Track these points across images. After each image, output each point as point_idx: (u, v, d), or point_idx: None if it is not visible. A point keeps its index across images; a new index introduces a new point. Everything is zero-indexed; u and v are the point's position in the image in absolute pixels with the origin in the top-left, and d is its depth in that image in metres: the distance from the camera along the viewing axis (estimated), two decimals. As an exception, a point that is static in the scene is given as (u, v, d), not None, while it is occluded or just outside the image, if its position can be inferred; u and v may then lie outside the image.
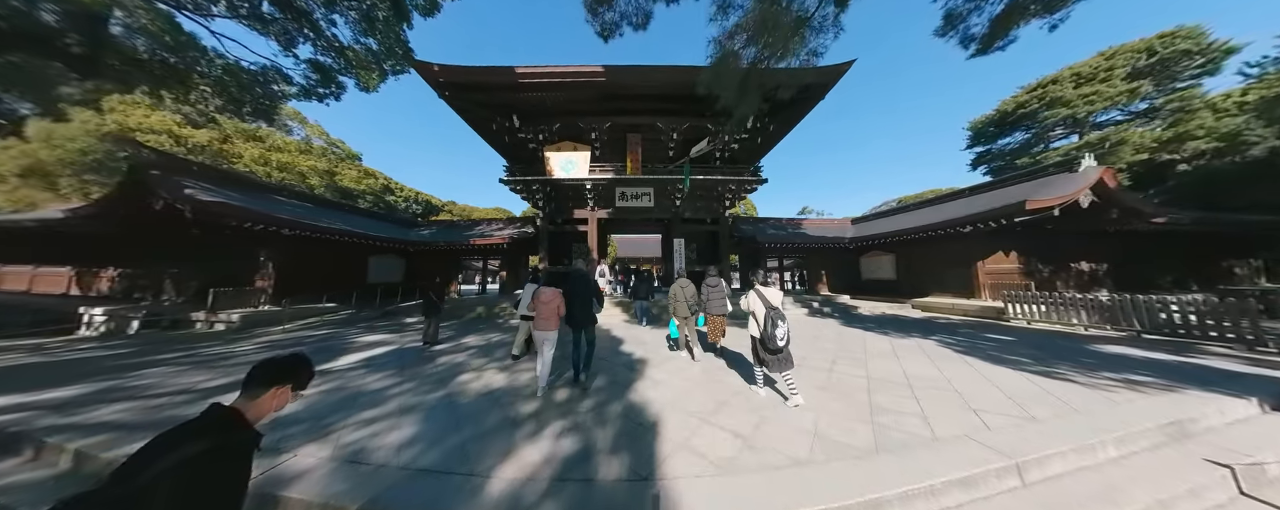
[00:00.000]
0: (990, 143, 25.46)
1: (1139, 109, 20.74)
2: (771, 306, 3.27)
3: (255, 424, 1.00)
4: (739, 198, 12.65)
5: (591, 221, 12.24)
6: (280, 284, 9.88)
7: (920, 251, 12.02)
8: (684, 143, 12.57)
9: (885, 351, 5.57)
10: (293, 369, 1.10)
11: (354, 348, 6.16)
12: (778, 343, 3.14)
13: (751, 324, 3.46)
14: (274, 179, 22.60)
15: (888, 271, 13.30)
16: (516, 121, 11.60)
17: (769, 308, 3.26)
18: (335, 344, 6.43)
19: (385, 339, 6.85)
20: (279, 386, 1.05)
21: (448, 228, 15.76)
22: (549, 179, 11.61)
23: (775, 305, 3.29)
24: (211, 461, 0.85)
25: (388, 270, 13.25)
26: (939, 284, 11.43)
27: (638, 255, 34.07)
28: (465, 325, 8.47)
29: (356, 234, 11.19)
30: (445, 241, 13.10)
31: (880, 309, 10.83)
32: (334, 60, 12.70)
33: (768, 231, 14.25)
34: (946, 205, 13.08)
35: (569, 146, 11.65)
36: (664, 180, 11.83)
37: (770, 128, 11.99)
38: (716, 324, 5.12)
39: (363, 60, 12.09)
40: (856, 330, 7.47)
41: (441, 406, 3.38)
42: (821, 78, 9.96)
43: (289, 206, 11.08)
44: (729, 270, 12.41)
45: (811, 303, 10.80)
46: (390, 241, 12.55)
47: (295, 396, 1.12)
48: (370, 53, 11.95)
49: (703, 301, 5.15)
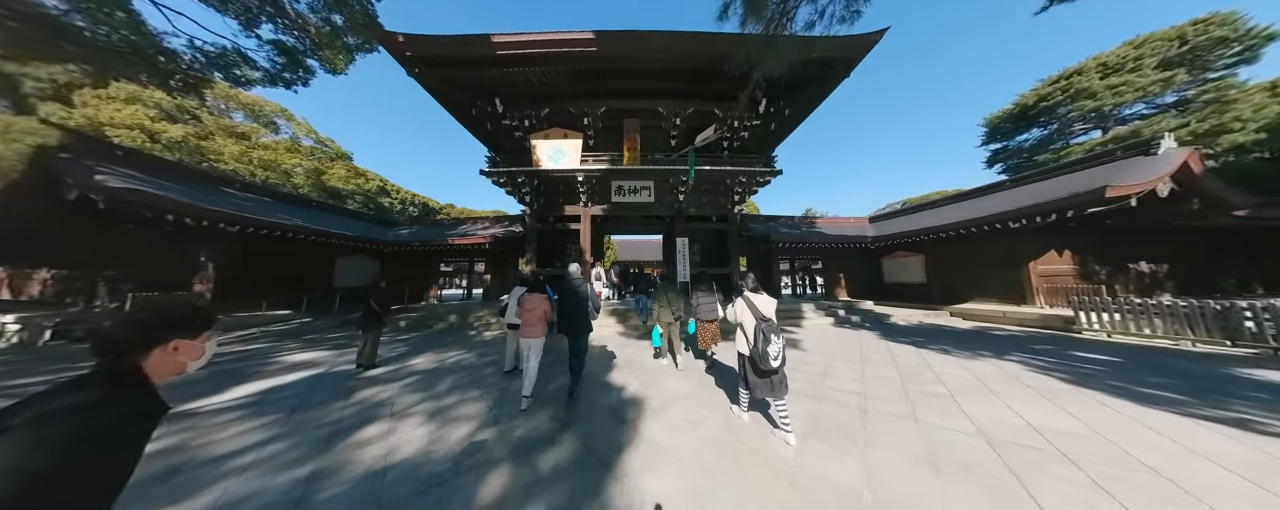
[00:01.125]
0: (1007, 139, 24.03)
1: (1167, 102, 19.32)
2: (763, 318, 2.70)
3: None
4: (750, 191, 11.23)
5: (584, 219, 10.81)
6: (222, 288, 8.45)
7: (954, 252, 10.52)
8: (687, 131, 11.17)
9: (968, 383, 4.06)
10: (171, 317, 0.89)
11: (267, 371, 4.70)
12: (770, 362, 2.56)
13: (739, 338, 2.88)
14: (258, 177, 21.35)
15: (915, 274, 11.78)
16: (499, 105, 10.22)
17: (760, 319, 2.69)
18: (247, 366, 4.97)
19: (317, 359, 5.39)
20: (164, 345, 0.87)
21: (430, 226, 14.35)
22: (535, 170, 10.20)
23: (767, 316, 2.73)
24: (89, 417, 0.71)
25: (358, 273, 11.81)
26: (979, 288, 9.91)
27: (639, 259, 32.62)
28: (428, 339, 6.99)
29: (318, 232, 9.77)
30: (421, 242, 11.66)
31: (915, 317, 9.30)
32: (297, 40, 11.45)
33: (780, 230, 12.76)
34: (981, 200, 11.60)
35: (558, 134, 10.25)
36: (666, 171, 10.40)
37: (785, 112, 10.58)
38: (706, 330, 4.65)
39: (327, 37, 10.81)
40: (906, 347, 5.96)
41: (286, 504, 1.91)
42: (848, 49, 8.55)
43: (238, 200, 9.67)
44: (739, 273, 10.92)
45: (836, 310, 9.30)
46: (360, 241, 11.12)
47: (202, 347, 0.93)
48: (334, 28, 10.67)
49: (692, 307, 4.77)
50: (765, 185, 11.04)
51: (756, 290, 2.94)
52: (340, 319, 9.06)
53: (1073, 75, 20.14)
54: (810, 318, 8.45)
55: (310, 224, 10.09)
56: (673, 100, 10.52)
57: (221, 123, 21.75)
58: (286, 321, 8.65)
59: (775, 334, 2.59)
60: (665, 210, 11.20)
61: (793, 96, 10.00)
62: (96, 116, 17.94)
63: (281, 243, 9.33)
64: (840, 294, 12.61)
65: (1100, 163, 9.55)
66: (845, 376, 4.33)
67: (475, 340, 6.67)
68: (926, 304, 10.73)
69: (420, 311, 9.68)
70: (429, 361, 5.14)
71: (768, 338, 2.56)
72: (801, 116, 10.99)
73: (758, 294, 2.89)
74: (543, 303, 3.59)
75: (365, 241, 11.37)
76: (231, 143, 20.78)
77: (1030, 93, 21.69)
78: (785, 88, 9.81)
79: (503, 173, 10.31)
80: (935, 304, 10.58)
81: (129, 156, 8.57)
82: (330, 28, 10.41)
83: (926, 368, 4.65)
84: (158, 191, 7.34)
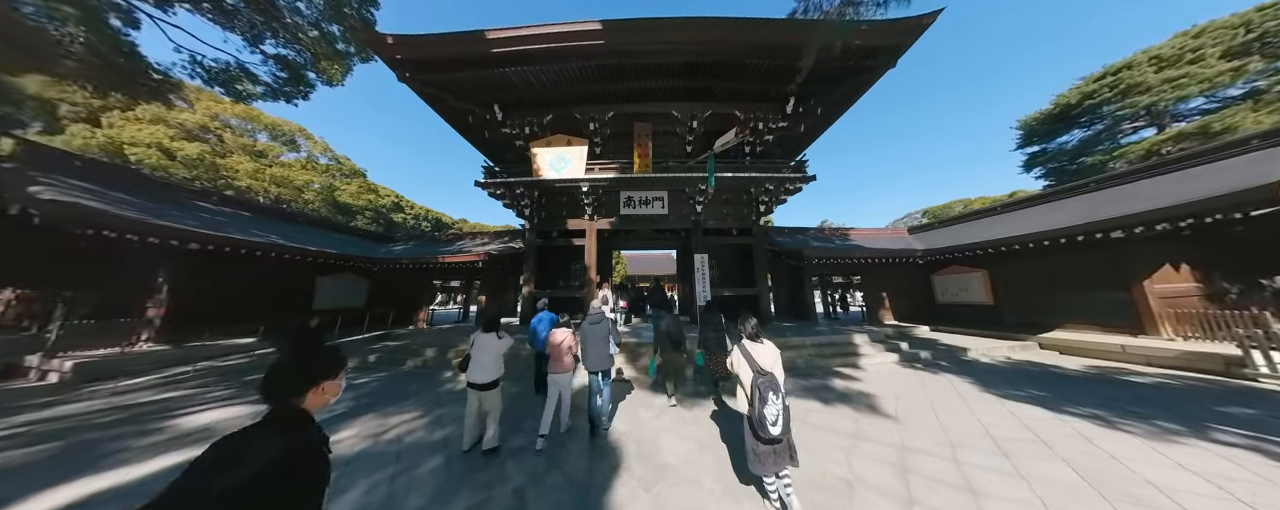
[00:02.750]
0: (1045, 141, 21.89)
1: (1232, 94, 17.06)
2: (761, 371, 2.26)
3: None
4: (778, 201, 9.67)
5: (590, 234, 9.42)
6: (178, 314, 7.29)
7: (1029, 267, 8.59)
8: (705, 135, 9.83)
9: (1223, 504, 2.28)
10: (318, 362, 1.01)
11: (135, 449, 3.27)
12: (769, 428, 2.14)
13: (739, 394, 2.42)
14: (272, 193, 21.14)
15: (976, 293, 9.81)
16: (498, 113, 9.14)
17: (757, 373, 2.25)
18: (122, 435, 3.57)
19: (224, 421, 3.98)
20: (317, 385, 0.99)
21: (427, 242, 13.23)
22: (536, 181, 8.95)
23: (766, 369, 2.28)
24: (291, 468, 0.80)
25: (343, 293, 10.61)
26: (1069, 312, 7.92)
27: (649, 273, 30.97)
28: (387, 386, 5.52)
29: (294, 249, 8.64)
30: (411, 259, 10.43)
31: (997, 351, 7.35)
32: (298, 53, 10.84)
33: (811, 244, 11.05)
34: (1055, 206, 9.68)
35: (561, 141, 9.04)
36: (682, 179, 8.98)
37: (818, 111, 9.12)
38: (717, 360, 4.03)
39: (321, 45, 10.11)
40: (1032, 409, 4.14)
41: None
42: (896, 34, 7.12)
43: (211, 215, 8.67)
44: (767, 295, 9.21)
45: (896, 343, 7.46)
46: (346, 259, 9.97)
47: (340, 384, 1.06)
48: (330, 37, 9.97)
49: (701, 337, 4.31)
50: (796, 192, 9.47)
51: (756, 337, 2.52)
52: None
53: (1121, 70, 18.18)
54: (868, 353, 6.66)
55: (289, 241, 9.01)
56: (689, 102, 9.24)
57: (241, 141, 21.87)
58: (248, 352, 7.38)
59: (775, 392, 2.22)
60: (681, 223, 9.72)
61: (828, 93, 8.56)
62: (118, 136, 18.11)
63: (253, 262, 8.22)
64: (885, 316, 10.67)
65: (1218, 157, 7.64)
66: (999, 490, 2.60)
67: (444, 392, 5.14)
68: (998, 331, 8.73)
69: (401, 340, 8.32)
70: (362, 434, 3.64)
71: (764, 397, 2.20)
72: (835, 115, 9.51)
73: (757, 342, 2.48)
74: (569, 337, 3.48)
75: (352, 259, 10.22)
76: (247, 161, 20.71)
77: (1072, 91, 19.73)
78: (820, 83, 8.40)
79: (500, 184, 9.10)
80: (1010, 331, 8.57)
81: (89, 167, 7.69)
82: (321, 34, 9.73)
83: (1113, 462, 2.87)
84: (105, 206, 6.29)
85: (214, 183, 20.25)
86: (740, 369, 2.38)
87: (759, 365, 2.30)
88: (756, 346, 2.43)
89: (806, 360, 6.12)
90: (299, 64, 11.01)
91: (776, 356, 2.40)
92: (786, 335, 7.31)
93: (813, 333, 7.63)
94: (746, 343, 2.47)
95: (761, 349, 2.41)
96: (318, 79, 11.09)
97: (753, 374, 2.29)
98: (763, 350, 2.40)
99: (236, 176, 20.20)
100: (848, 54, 7.48)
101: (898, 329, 9.41)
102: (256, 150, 22.07)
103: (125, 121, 19.07)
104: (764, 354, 2.38)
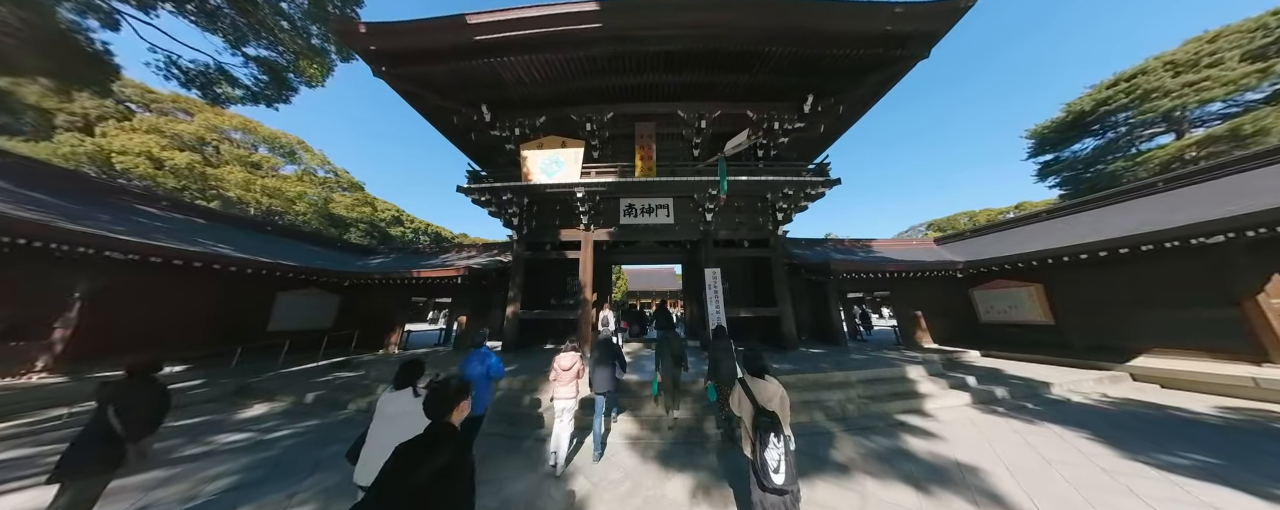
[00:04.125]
0: (1058, 150, 20.99)
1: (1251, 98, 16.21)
2: (762, 410, 2.07)
3: None
4: (797, 207, 8.48)
5: (586, 246, 8.20)
6: (90, 337, 5.99)
7: (1097, 279, 7.27)
8: (713, 138, 8.80)
9: None
10: (451, 393, 1.53)
11: None
12: (772, 476, 1.93)
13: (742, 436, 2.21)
14: (262, 205, 20.27)
15: (1029, 311, 8.43)
16: (486, 113, 8.15)
17: (758, 412, 2.07)
18: None
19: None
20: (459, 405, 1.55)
21: (410, 255, 12.01)
22: (525, 186, 7.83)
23: (768, 408, 2.08)
24: (459, 464, 1.33)
25: (307, 312, 9.29)
26: (1157, 333, 6.53)
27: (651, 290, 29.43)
28: (311, 442, 4.14)
29: (244, 261, 7.42)
30: (383, 274, 9.16)
31: (1084, 384, 5.90)
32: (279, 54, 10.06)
33: (833, 256, 9.77)
34: (1115, 210, 8.45)
35: (554, 142, 8.00)
36: (690, 184, 7.84)
37: (839, 109, 8.10)
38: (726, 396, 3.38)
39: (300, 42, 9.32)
40: (1243, 499, 2.74)
41: None
42: (929, 20, 6.14)
43: (160, 221, 7.50)
44: (791, 316, 7.84)
45: (956, 374, 6.04)
46: (311, 273, 8.71)
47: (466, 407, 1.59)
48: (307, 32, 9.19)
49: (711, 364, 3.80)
50: (818, 198, 8.30)
51: (760, 372, 2.29)
52: (240, 383, 6.34)
53: (1136, 76, 17.44)
54: (931, 392, 5.24)
55: (248, 252, 7.79)
56: (696, 101, 8.26)
57: (237, 152, 21.23)
58: (173, 381, 5.98)
59: (777, 435, 1.97)
60: (688, 234, 8.51)
61: (851, 88, 7.53)
62: (108, 145, 17.46)
63: (196, 275, 6.98)
64: (922, 338, 9.23)
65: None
66: None
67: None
68: (1063, 356, 7.31)
69: (359, 369, 6.95)
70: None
71: (764, 439, 1.97)
72: (858, 114, 8.48)
73: (761, 378, 2.24)
74: (577, 361, 3.52)
75: (319, 273, 8.95)
76: (239, 171, 19.95)
77: (1085, 97, 18.97)
78: (842, 76, 7.39)
79: (485, 189, 7.97)
80: (1078, 356, 7.15)
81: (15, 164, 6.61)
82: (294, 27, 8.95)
83: None
84: (4, 207, 5.11)
85: (203, 193, 19.47)
86: (742, 408, 2.22)
87: (760, 403, 2.12)
88: (758, 383, 2.24)
89: (858, 406, 4.72)
90: (281, 66, 10.25)
91: (781, 395, 2.18)
92: (821, 367, 5.91)
93: (854, 363, 6.23)
94: (748, 377, 2.30)
95: (763, 386, 2.22)
96: (298, 81, 10.31)
97: (753, 412, 2.12)
98: (764, 388, 2.21)
99: (226, 187, 19.42)
100: (875, 41, 6.52)
101: (944, 355, 7.98)
102: (251, 161, 21.39)
103: (120, 131, 18.54)
104: (766, 392, 2.17)
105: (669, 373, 4.02)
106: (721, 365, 3.73)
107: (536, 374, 5.46)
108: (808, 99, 7.91)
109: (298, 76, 9.88)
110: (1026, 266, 7.95)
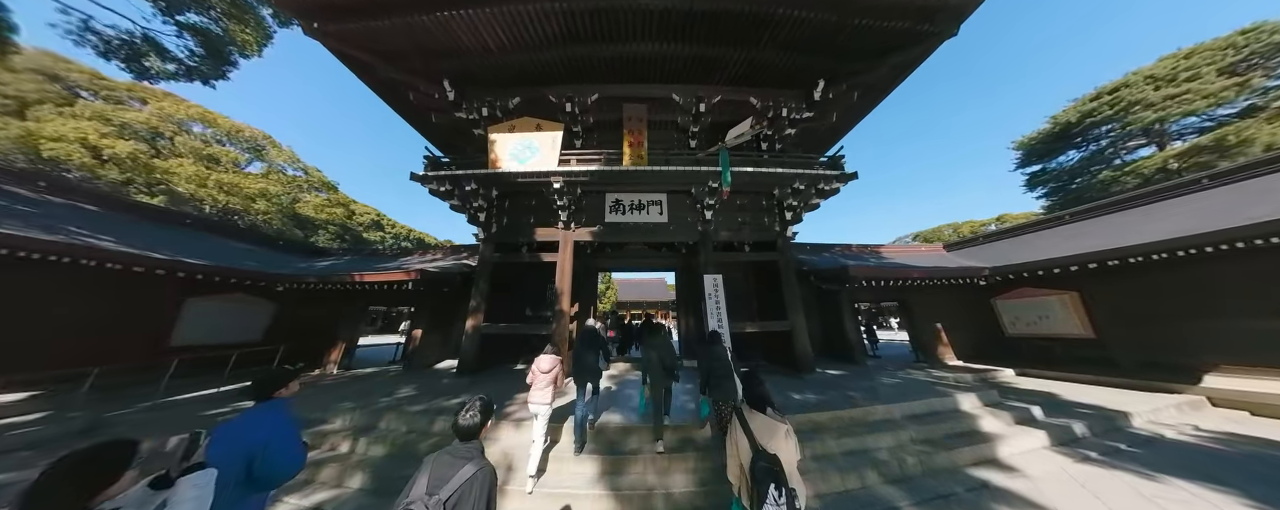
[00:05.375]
0: (1044, 161, 21.02)
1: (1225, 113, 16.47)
2: (762, 454, 1.65)
3: None
4: (808, 206, 7.39)
5: (565, 246, 6.86)
6: None
7: (1146, 286, 6.35)
8: (712, 129, 7.71)
9: None
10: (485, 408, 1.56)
11: None
12: None
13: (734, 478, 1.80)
14: (219, 202, 18.24)
15: (1064, 323, 7.46)
16: (449, 90, 6.85)
17: (757, 454, 1.67)
18: None
19: None
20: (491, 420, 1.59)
21: (366, 257, 10.33)
22: (491, 173, 6.51)
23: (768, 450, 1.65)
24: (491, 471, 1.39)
25: (226, 323, 7.54)
26: (1228, 347, 5.57)
27: (643, 301, 27.97)
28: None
29: (133, 258, 5.76)
30: (317, 278, 7.50)
31: (1163, 412, 4.81)
32: (210, 18, 8.60)
33: (844, 262, 8.68)
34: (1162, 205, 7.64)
35: (529, 125, 6.74)
36: (687, 175, 6.65)
37: (854, 95, 7.14)
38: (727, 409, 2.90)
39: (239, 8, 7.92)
40: None
41: None
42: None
43: (6, 203, 5.77)
44: (805, 331, 6.61)
45: (1017, 405, 4.87)
46: (233, 274, 7.04)
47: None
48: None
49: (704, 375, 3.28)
50: (832, 195, 7.23)
51: (760, 403, 1.88)
52: (112, 411, 4.64)
53: (1118, 89, 17.59)
54: (997, 431, 4.04)
55: (139, 247, 6.12)
56: (693, 84, 7.19)
57: (193, 145, 19.19)
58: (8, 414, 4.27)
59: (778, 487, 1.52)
60: (684, 234, 7.29)
61: (868, 72, 6.59)
62: (39, 131, 15.34)
63: (60, 273, 5.29)
64: (944, 354, 8.15)
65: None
66: None
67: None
68: (1109, 373, 6.31)
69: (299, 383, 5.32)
70: None
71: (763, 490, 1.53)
72: (874, 101, 7.56)
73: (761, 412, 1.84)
74: (556, 364, 3.33)
75: (246, 276, 7.27)
76: (191, 165, 17.91)
77: (1070, 109, 19.06)
78: (858, 57, 6.43)
79: (443, 177, 6.58)
80: (1129, 374, 6.15)
81: None
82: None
83: None
84: None
85: (150, 188, 17.36)
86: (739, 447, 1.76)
87: (760, 444, 1.67)
88: (758, 419, 1.79)
89: (918, 457, 3.45)
90: (219, 37, 8.79)
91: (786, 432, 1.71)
92: (851, 398, 4.66)
93: (889, 391, 5.00)
94: (745, 409, 1.88)
95: (764, 420, 1.78)
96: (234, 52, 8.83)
97: (752, 455, 1.66)
98: (764, 424, 1.76)
99: (175, 181, 17.36)
100: (902, 11, 5.60)
101: (976, 375, 6.87)
102: (208, 154, 19.34)
103: (59, 117, 16.42)
104: (767, 429, 1.73)
105: (659, 384, 3.47)
106: (717, 377, 3.17)
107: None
108: (818, 85, 6.93)
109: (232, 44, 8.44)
110: (1063, 273, 6.98)
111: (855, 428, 3.88)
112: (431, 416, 4.14)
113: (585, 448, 3.45)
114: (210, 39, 8.70)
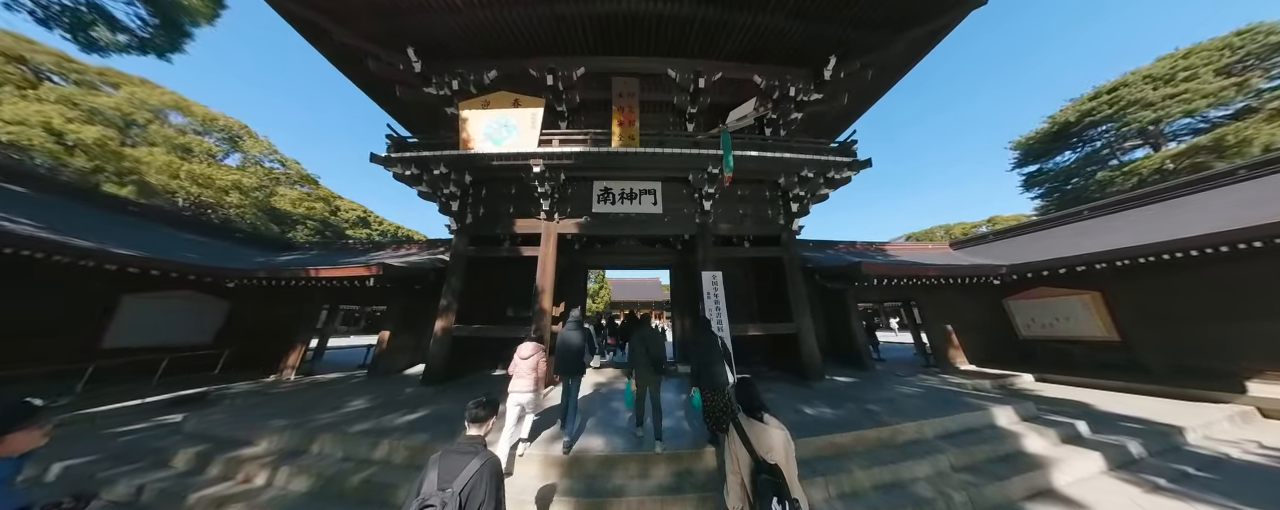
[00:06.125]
0: (1042, 161, 20.79)
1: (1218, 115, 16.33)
2: (763, 465, 1.55)
3: None
4: (816, 197, 6.72)
5: (547, 239, 6.10)
6: None
7: (1177, 285, 5.82)
8: (711, 110, 7.01)
9: None
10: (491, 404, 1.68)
11: None
12: None
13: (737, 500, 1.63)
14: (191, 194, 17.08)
15: (1085, 325, 6.94)
16: (414, 60, 6.02)
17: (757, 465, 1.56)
18: None
19: None
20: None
21: (333, 252, 9.42)
22: (463, 155, 5.72)
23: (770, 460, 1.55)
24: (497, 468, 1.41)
25: (168, 322, 6.63)
26: (1275, 353, 5.03)
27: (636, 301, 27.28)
28: None
29: (55, 246, 4.87)
30: (268, 274, 6.62)
31: (1217, 426, 4.25)
32: None
33: (849, 259, 8.06)
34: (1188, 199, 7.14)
35: (505, 100, 5.96)
36: (684, 158, 5.93)
37: (867, 76, 6.49)
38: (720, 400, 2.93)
39: None
40: None
41: None
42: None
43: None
44: (812, 333, 5.96)
45: (1058, 419, 4.26)
46: (175, 267, 6.14)
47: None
48: None
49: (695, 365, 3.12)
50: (843, 184, 6.58)
51: (758, 412, 1.72)
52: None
53: (1116, 88, 17.34)
54: (1045, 452, 3.43)
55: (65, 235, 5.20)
56: (692, 58, 6.45)
57: (165, 132, 17.95)
58: None
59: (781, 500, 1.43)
60: (681, 227, 6.58)
61: (885, 47, 5.93)
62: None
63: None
64: (956, 358, 7.59)
65: None
66: None
67: None
68: (1138, 380, 5.79)
69: (201, 409, 4.48)
70: None
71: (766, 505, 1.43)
72: (888, 82, 6.92)
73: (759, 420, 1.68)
74: (539, 352, 3.19)
75: (192, 270, 6.37)
76: (161, 153, 16.72)
77: (1069, 108, 18.79)
78: (873, 29, 5.78)
79: (409, 159, 5.77)
80: (1161, 381, 5.63)
81: None
82: None
83: None
84: None
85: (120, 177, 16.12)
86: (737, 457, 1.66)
87: (759, 454, 1.57)
88: (756, 427, 1.67)
89: (965, 491, 2.79)
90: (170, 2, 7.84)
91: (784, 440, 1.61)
92: (871, 412, 4.00)
93: (911, 403, 4.37)
94: (743, 418, 1.74)
95: (762, 430, 1.65)
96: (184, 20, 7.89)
97: (752, 466, 1.57)
98: (764, 432, 1.64)
99: (146, 171, 16.17)
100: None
101: (993, 380, 6.30)
102: (180, 143, 18.11)
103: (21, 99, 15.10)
104: (766, 438, 1.61)
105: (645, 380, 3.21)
106: (707, 366, 2.99)
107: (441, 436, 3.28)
108: (829, 62, 6.25)
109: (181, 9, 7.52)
110: (1087, 271, 6.43)
111: (884, 452, 3.22)
112: (374, 439, 3.37)
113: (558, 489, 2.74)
114: (160, 5, 7.75)
